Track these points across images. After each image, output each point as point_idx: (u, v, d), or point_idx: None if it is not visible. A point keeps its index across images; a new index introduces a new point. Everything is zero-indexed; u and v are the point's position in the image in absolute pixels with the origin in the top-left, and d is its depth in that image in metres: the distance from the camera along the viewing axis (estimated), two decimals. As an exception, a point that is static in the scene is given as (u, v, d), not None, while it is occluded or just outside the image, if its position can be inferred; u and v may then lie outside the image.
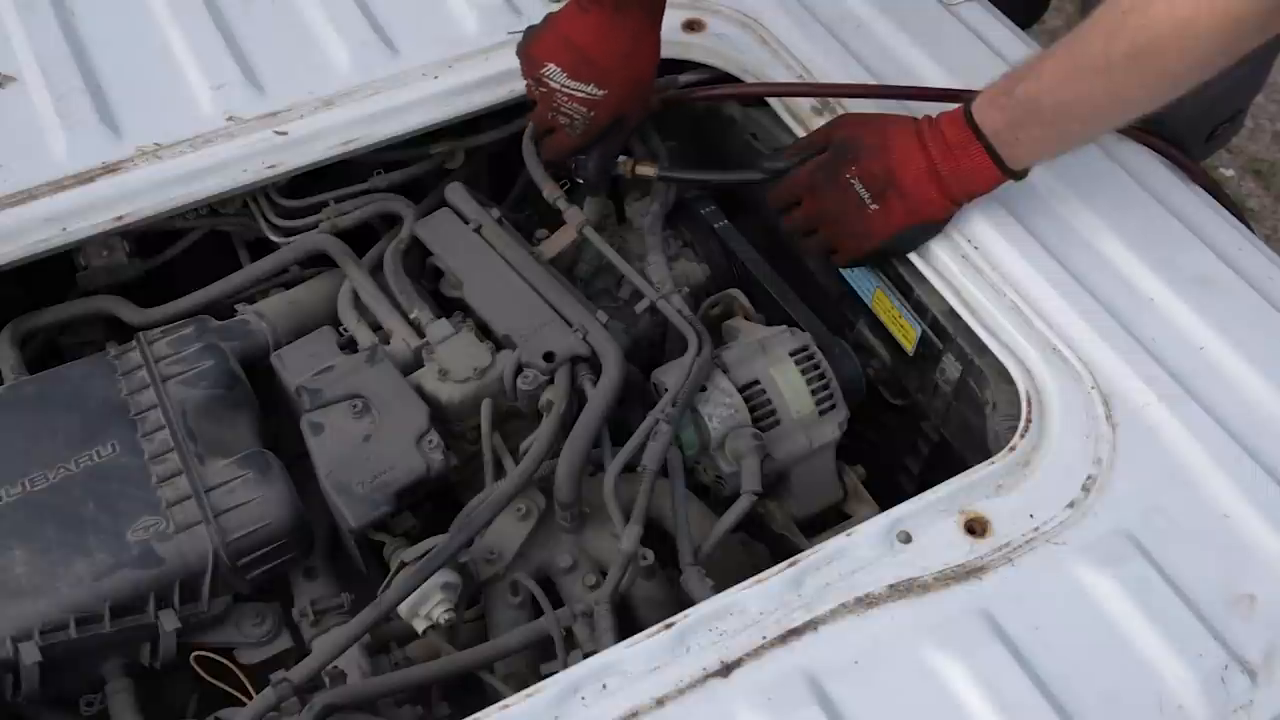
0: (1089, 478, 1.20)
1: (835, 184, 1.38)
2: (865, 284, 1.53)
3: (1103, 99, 1.25)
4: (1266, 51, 1.83)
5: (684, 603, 1.17)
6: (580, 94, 1.40)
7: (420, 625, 1.24)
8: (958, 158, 1.31)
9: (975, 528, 1.17)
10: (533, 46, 1.43)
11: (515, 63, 1.55)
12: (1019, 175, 1.33)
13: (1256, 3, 1.12)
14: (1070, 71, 1.25)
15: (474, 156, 1.67)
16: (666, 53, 1.62)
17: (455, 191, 1.56)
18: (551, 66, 1.40)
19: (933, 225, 1.38)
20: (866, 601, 1.12)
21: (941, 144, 1.32)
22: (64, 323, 1.53)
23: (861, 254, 1.43)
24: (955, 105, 1.34)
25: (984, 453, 1.31)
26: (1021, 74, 1.29)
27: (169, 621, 1.23)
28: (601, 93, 1.40)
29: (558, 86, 1.41)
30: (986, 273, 1.37)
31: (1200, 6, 1.13)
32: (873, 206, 1.36)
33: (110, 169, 1.46)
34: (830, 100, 1.54)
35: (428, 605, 1.23)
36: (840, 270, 1.56)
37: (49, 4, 1.63)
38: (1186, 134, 1.72)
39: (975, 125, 1.29)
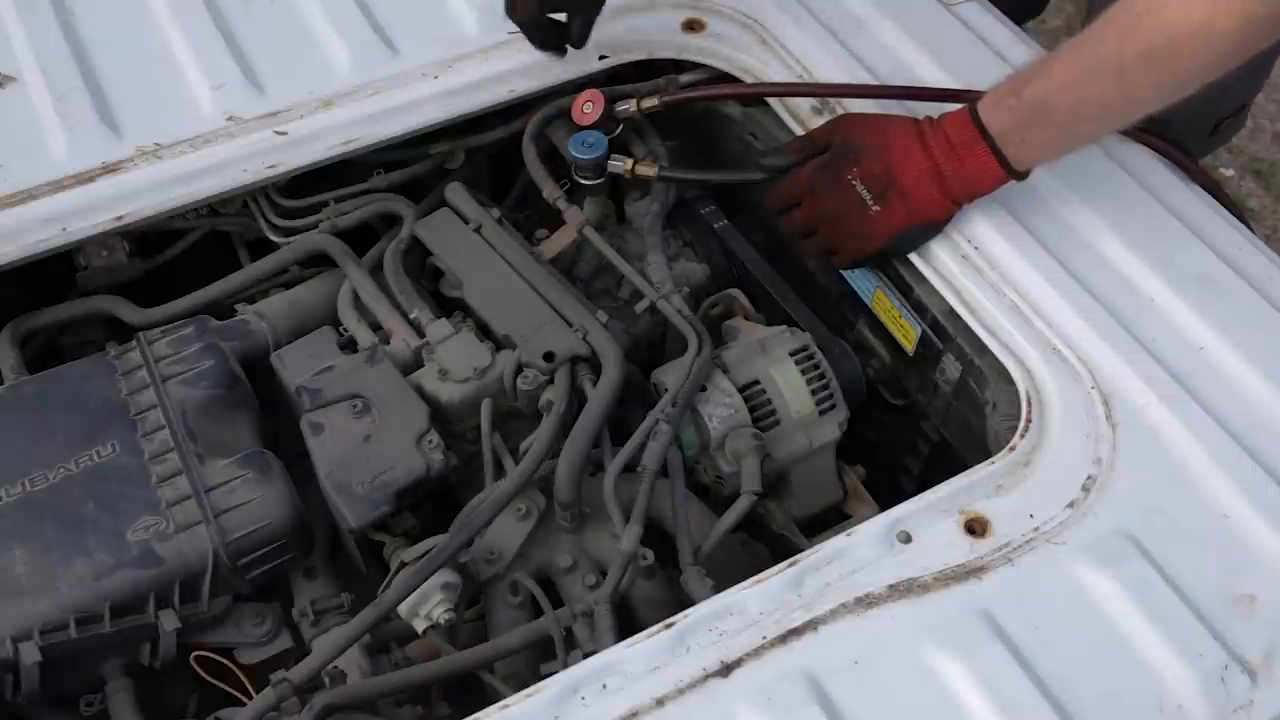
0: (1089, 478, 1.20)
1: (836, 185, 1.38)
2: (865, 284, 1.53)
3: (1115, 100, 1.26)
4: (1270, 48, 1.83)
5: (684, 603, 1.17)
6: None
7: (420, 625, 1.24)
8: (962, 158, 1.31)
9: (975, 528, 1.17)
10: None
11: (515, 63, 1.56)
12: (1022, 176, 1.33)
13: (1270, 3, 1.13)
14: (1082, 73, 1.25)
15: (474, 156, 1.67)
16: (666, 53, 1.63)
17: (455, 191, 1.56)
18: None
19: (933, 225, 1.38)
20: (866, 601, 1.12)
21: (945, 144, 1.32)
22: (64, 323, 1.53)
23: (863, 255, 1.44)
24: (956, 105, 1.34)
25: (984, 453, 1.31)
26: (1029, 76, 1.29)
27: (169, 621, 1.23)
28: None
29: None
30: (986, 273, 1.37)
31: (1218, 7, 1.15)
32: (874, 207, 1.36)
33: (110, 169, 1.46)
34: (830, 100, 1.54)
35: (428, 605, 1.23)
36: (840, 270, 1.56)
37: (49, 4, 1.63)
38: (1189, 129, 1.72)
39: (982, 125, 1.30)
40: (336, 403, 1.36)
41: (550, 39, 1.54)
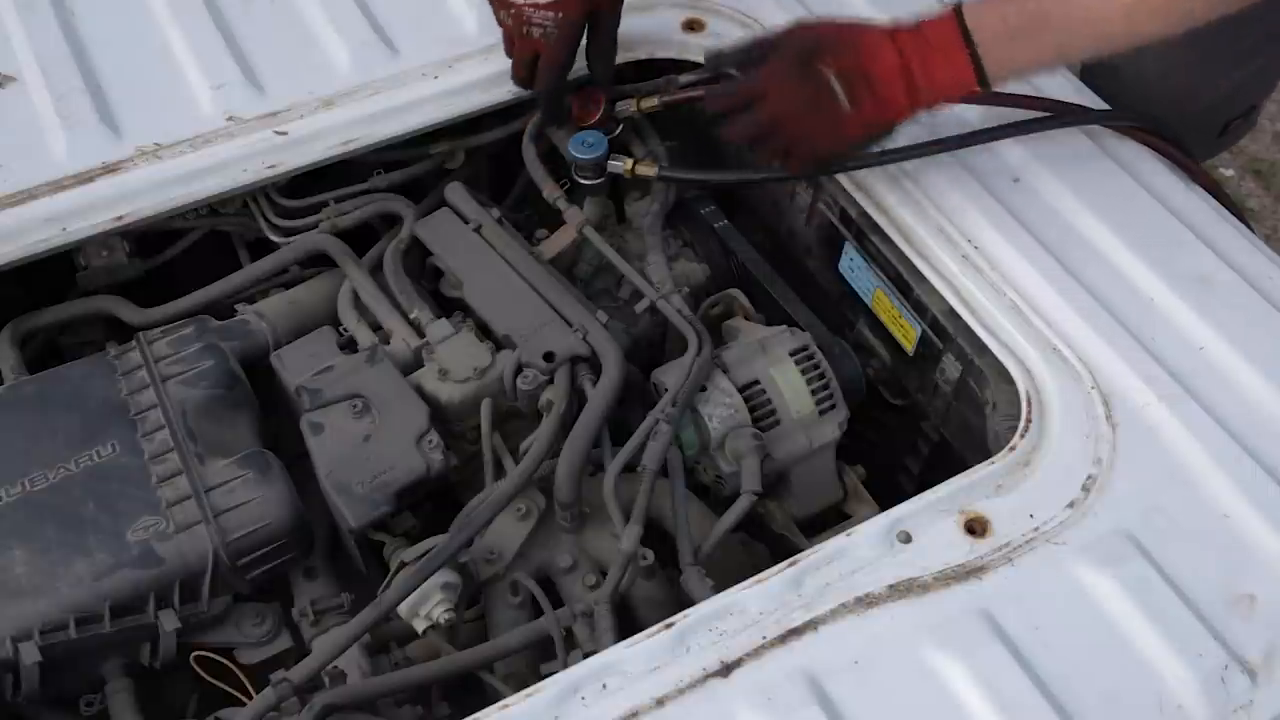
0: (1089, 478, 1.20)
1: (809, 78, 1.30)
2: (865, 284, 1.53)
3: (1115, 29, 1.27)
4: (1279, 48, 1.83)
5: (684, 603, 1.17)
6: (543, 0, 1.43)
7: (420, 625, 1.24)
8: (938, 62, 1.28)
9: (975, 528, 1.17)
10: None
11: (515, 62, 1.55)
12: (988, 88, 1.31)
13: None
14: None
15: (474, 156, 1.67)
16: (666, 53, 1.63)
17: (455, 191, 1.56)
18: None
19: (890, 130, 1.35)
20: (866, 601, 1.12)
21: (921, 47, 1.28)
22: (64, 323, 1.53)
23: (822, 158, 1.40)
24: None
25: (984, 453, 1.31)
26: None
27: (169, 621, 1.23)
28: None
29: (524, 3, 1.43)
30: (986, 272, 1.37)
31: None
32: (846, 105, 1.30)
33: (110, 169, 1.46)
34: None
35: (428, 605, 1.23)
36: (840, 270, 1.56)
37: (49, 4, 1.63)
38: (1198, 129, 1.71)
39: (966, 30, 1.27)
40: (336, 403, 1.36)
41: (563, 111, 1.54)
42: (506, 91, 1.57)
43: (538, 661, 1.24)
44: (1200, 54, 1.70)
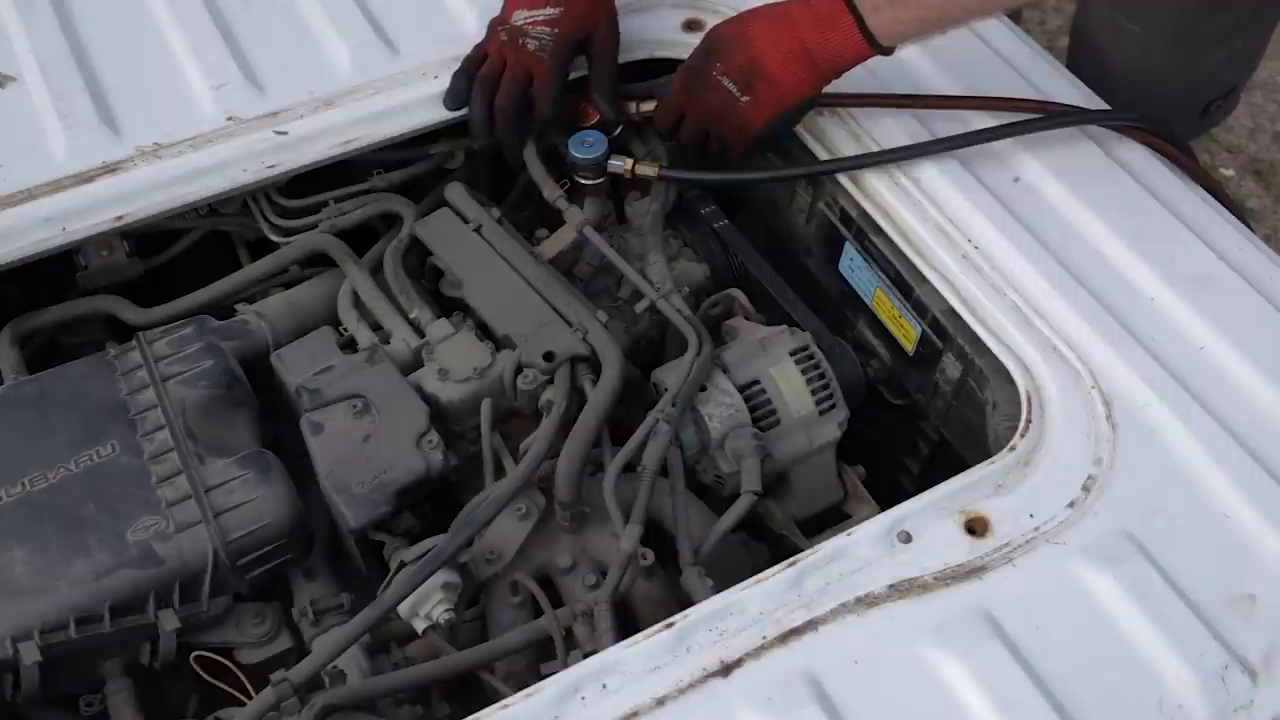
0: (1089, 478, 1.20)
1: (704, 85, 1.43)
2: (865, 284, 1.53)
3: None
4: (1259, 29, 1.84)
5: (684, 603, 1.17)
6: (540, 17, 1.48)
7: (420, 625, 1.24)
8: (828, 34, 1.34)
9: (975, 528, 1.17)
10: (501, 12, 1.53)
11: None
12: (887, 51, 1.36)
13: None
14: None
15: (474, 156, 1.68)
16: (666, 52, 1.63)
17: (455, 191, 1.56)
18: (518, 12, 1.50)
19: (804, 104, 1.43)
20: (866, 601, 1.12)
21: (812, 19, 1.35)
22: (64, 323, 1.53)
23: (747, 145, 1.47)
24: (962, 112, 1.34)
25: (984, 453, 1.31)
26: None
27: (169, 621, 1.23)
28: (559, 10, 1.49)
29: (522, 23, 1.49)
30: (986, 272, 1.37)
31: None
32: (743, 98, 1.41)
33: (110, 169, 1.46)
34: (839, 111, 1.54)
35: (428, 605, 1.23)
36: (840, 270, 1.56)
37: (49, 4, 1.63)
38: (1180, 109, 1.72)
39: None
40: (336, 403, 1.36)
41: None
42: (506, 91, 1.57)
43: (538, 661, 1.24)
44: (1180, 34, 1.71)
